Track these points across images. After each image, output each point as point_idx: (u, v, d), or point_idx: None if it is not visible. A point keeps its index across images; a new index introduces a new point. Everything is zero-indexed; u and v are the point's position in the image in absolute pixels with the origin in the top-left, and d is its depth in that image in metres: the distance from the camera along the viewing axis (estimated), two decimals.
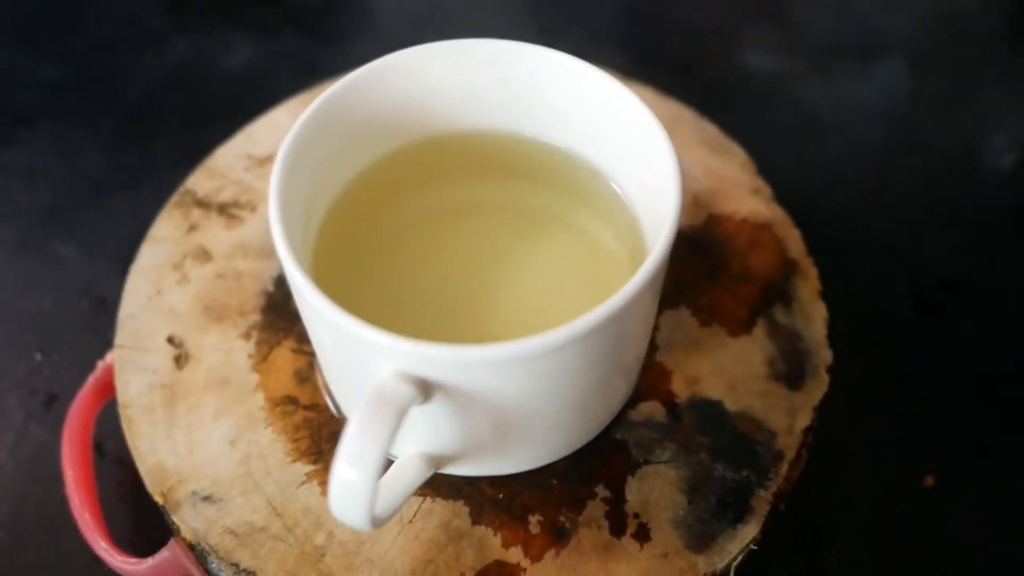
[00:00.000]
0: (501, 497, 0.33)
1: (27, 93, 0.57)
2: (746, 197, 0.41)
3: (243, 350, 0.36)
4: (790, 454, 0.34)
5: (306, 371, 0.36)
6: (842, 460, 0.41)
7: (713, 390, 0.35)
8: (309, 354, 0.36)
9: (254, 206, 0.40)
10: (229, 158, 0.42)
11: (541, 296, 0.33)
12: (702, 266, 0.39)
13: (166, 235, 0.39)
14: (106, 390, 0.38)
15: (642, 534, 0.32)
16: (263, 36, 0.60)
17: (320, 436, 0.34)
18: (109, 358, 0.37)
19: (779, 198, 0.41)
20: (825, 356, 0.36)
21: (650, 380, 0.35)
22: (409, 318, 0.32)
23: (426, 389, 0.27)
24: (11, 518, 0.41)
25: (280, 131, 0.42)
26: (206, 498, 0.33)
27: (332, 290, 0.28)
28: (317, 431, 0.34)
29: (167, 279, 0.38)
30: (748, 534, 0.32)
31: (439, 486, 0.33)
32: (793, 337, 0.37)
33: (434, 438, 0.30)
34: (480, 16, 0.62)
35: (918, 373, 0.45)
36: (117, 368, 0.36)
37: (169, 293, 0.38)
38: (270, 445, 0.34)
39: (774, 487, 0.33)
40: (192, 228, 0.40)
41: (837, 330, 0.37)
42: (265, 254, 0.39)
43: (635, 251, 0.33)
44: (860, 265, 0.48)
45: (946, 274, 0.48)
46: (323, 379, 0.35)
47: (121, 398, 0.35)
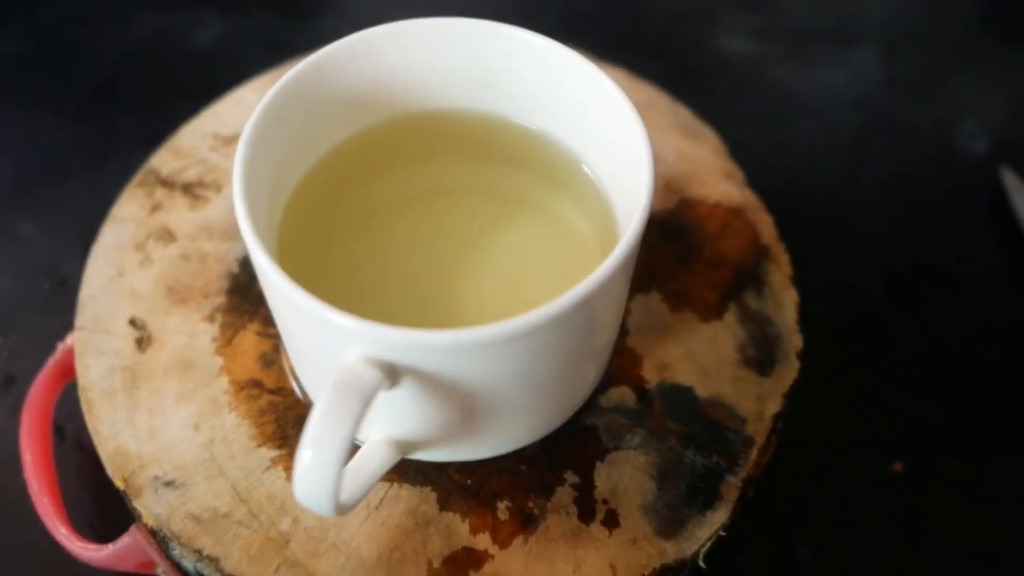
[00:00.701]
0: (469, 483, 0.32)
1: None
2: (719, 181, 0.40)
3: (207, 333, 0.35)
4: (760, 440, 0.34)
5: (271, 354, 0.35)
6: (812, 446, 0.41)
7: (684, 376, 0.35)
8: (274, 337, 0.35)
9: (219, 186, 0.39)
10: (194, 137, 0.41)
11: (511, 280, 0.32)
12: (674, 250, 0.38)
13: (129, 215, 0.39)
14: (66, 373, 0.37)
15: (611, 520, 0.32)
16: (232, 12, 0.59)
17: (286, 420, 0.34)
18: (70, 340, 0.37)
19: (753, 183, 0.41)
20: (796, 342, 0.36)
21: (620, 365, 0.35)
22: (376, 301, 0.31)
23: (393, 374, 0.26)
24: None
25: (246, 109, 0.42)
26: (168, 483, 0.32)
27: (298, 272, 0.27)
28: (283, 415, 0.34)
29: (129, 260, 0.37)
30: (717, 520, 0.32)
31: (406, 471, 0.33)
32: (764, 323, 0.36)
33: (401, 423, 0.30)
34: None
35: (891, 359, 0.45)
36: (78, 350, 0.35)
37: (131, 274, 0.37)
38: (234, 429, 0.33)
39: (744, 473, 0.33)
40: (156, 208, 0.39)
41: (809, 316, 0.37)
42: (230, 235, 0.38)
43: (607, 235, 0.32)
44: (834, 250, 0.48)
45: (920, 260, 0.48)
46: (289, 363, 0.34)
47: (82, 381, 0.34)
